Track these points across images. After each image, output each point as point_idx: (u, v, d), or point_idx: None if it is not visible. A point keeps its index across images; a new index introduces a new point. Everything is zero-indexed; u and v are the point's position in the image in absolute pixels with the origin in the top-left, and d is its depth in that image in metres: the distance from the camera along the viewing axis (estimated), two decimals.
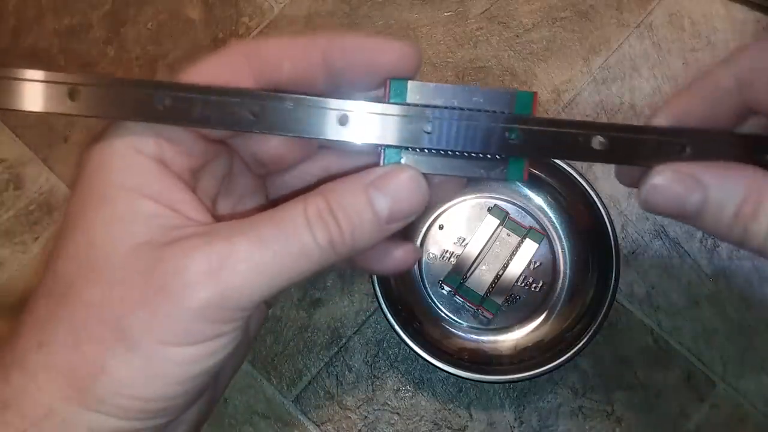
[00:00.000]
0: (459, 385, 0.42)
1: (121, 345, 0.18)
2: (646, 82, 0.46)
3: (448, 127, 0.21)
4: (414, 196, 0.20)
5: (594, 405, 0.42)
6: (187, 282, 0.18)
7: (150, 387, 0.19)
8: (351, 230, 0.19)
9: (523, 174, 0.21)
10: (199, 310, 0.18)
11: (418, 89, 0.21)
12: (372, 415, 0.42)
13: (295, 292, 0.44)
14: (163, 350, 0.18)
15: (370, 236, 0.20)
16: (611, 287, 0.38)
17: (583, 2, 0.48)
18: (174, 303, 0.18)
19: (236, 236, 0.19)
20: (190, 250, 0.19)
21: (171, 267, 0.18)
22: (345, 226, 0.19)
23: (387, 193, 0.20)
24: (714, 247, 0.44)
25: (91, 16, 0.48)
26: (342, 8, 0.48)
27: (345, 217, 0.19)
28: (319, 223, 0.19)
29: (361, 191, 0.20)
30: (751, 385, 0.42)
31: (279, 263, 0.19)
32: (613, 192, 0.45)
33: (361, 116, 0.20)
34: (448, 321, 0.42)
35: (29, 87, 0.19)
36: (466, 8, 0.48)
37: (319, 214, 0.19)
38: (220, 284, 0.18)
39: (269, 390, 0.43)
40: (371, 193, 0.20)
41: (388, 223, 0.20)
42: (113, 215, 0.19)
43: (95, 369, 0.18)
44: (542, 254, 0.43)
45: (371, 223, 0.20)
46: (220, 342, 0.19)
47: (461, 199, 0.44)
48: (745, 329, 0.43)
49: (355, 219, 0.20)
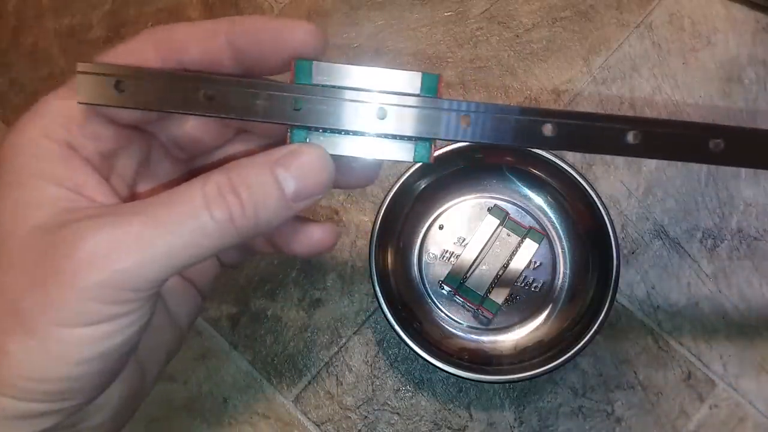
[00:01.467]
0: (459, 385, 0.42)
1: (18, 327, 0.18)
2: (646, 82, 0.46)
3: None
4: (320, 174, 0.20)
5: (594, 405, 0.42)
6: (78, 263, 0.18)
7: (48, 368, 0.19)
8: (254, 207, 0.19)
9: (430, 155, 0.21)
10: (90, 290, 0.18)
11: (324, 70, 0.21)
12: (372, 415, 0.42)
13: (295, 292, 0.44)
14: (58, 331, 0.18)
15: (275, 214, 0.20)
16: (611, 287, 0.38)
17: (583, 2, 0.48)
18: (65, 284, 0.18)
19: (129, 216, 0.19)
20: (83, 230, 0.19)
21: (63, 249, 0.18)
22: (247, 202, 0.19)
23: (293, 170, 0.20)
24: (714, 247, 0.44)
25: (91, 16, 0.49)
26: (342, 8, 0.48)
27: (248, 194, 0.19)
28: (218, 199, 0.19)
29: (266, 168, 0.20)
30: (751, 385, 0.42)
31: (173, 242, 0.19)
32: (613, 192, 0.45)
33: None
34: (448, 321, 0.42)
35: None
36: (466, 8, 0.48)
37: (219, 191, 0.19)
38: (110, 265, 0.18)
39: (269, 390, 0.43)
40: (277, 170, 0.20)
41: (294, 201, 0.20)
42: (17, 200, 0.20)
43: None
44: (542, 254, 0.43)
45: (276, 200, 0.20)
46: (118, 323, 0.19)
47: (461, 199, 0.44)
48: (745, 329, 0.43)
49: (259, 195, 0.19)
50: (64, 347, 0.19)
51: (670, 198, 0.44)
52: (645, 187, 0.45)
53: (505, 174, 0.43)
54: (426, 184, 0.43)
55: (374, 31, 0.47)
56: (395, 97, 0.21)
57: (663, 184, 0.45)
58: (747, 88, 0.46)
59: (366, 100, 0.21)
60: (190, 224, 0.19)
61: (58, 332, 0.18)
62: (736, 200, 0.44)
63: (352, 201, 0.45)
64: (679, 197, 0.44)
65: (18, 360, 0.18)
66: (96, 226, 0.19)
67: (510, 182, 0.44)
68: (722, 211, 0.44)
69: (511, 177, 0.43)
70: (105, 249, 0.18)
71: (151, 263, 0.19)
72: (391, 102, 0.21)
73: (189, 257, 0.19)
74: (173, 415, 0.42)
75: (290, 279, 0.44)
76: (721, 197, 0.44)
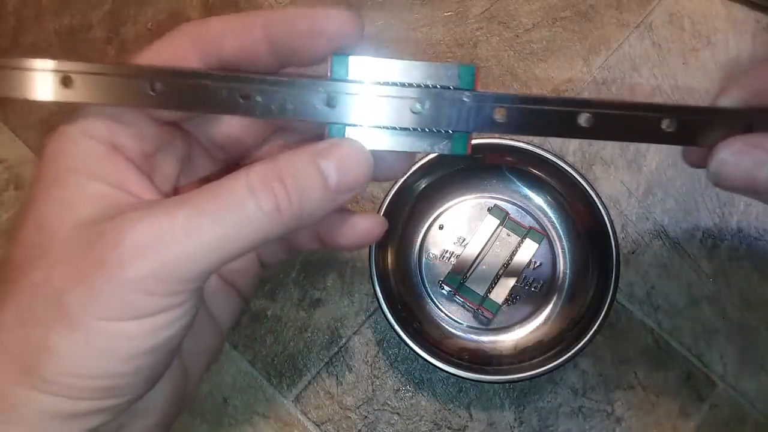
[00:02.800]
0: (459, 385, 0.42)
1: (63, 323, 0.18)
2: (646, 82, 0.46)
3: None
4: (361, 166, 0.21)
5: (594, 405, 0.42)
6: (124, 254, 0.18)
7: (94, 364, 0.18)
8: (298, 196, 0.19)
9: (466, 147, 0.21)
10: (136, 282, 0.18)
11: (360, 64, 0.21)
12: (372, 415, 0.42)
13: (295, 292, 0.44)
14: (105, 326, 0.18)
15: (319, 204, 0.20)
16: (611, 287, 0.38)
17: (583, 2, 0.48)
18: (111, 276, 0.18)
19: (175, 207, 0.19)
20: (129, 221, 0.18)
21: (109, 240, 0.18)
22: (292, 191, 0.19)
23: (334, 161, 0.20)
24: (714, 247, 0.44)
25: (91, 16, 0.48)
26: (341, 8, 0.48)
27: (293, 183, 0.19)
28: (263, 189, 0.19)
29: (309, 159, 0.20)
30: (751, 385, 0.42)
31: (220, 232, 0.19)
32: (613, 192, 0.45)
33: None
34: (448, 321, 0.42)
35: (24, 75, 0.20)
36: (466, 8, 0.48)
37: (263, 181, 0.19)
38: (157, 255, 0.18)
39: (269, 390, 0.43)
40: (319, 161, 0.20)
41: (336, 193, 0.20)
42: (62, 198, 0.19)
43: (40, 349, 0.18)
44: (542, 254, 0.42)
45: (320, 191, 0.20)
46: (166, 317, 0.19)
47: (461, 198, 0.44)
48: (745, 329, 0.43)
49: (303, 185, 0.19)
50: (110, 341, 0.18)
51: (670, 198, 0.44)
52: (645, 187, 0.45)
53: (505, 174, 0.43)
54: (426, 184, 0.43)
55: (374, 31, 0.47)
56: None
57: (663, 184, 0.45)
58: None
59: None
60: (236, 214, 0.19)
61: (104, 326, 0.18)
62: (736, 200, 0.44)
63: (352, 201, 0.45)
64: (679, 197, 0.44)
65: (63, 356, 0.18)
66: (142, 217, 0.18)
67: (510, 182, 0.44)
68: (722, 211, 0.44)
69: (511, 177, 0.43)
70: (152, 239, 0.18)
71: (198, 253, 0.18)
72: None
73: (235, 248, 0.19)
74: None
75: (290, 279, 0.44)
76: (721, 197, 0.44)
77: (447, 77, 0.21)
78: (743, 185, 0.20)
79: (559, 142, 0.45)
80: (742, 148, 0.20)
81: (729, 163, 0.20)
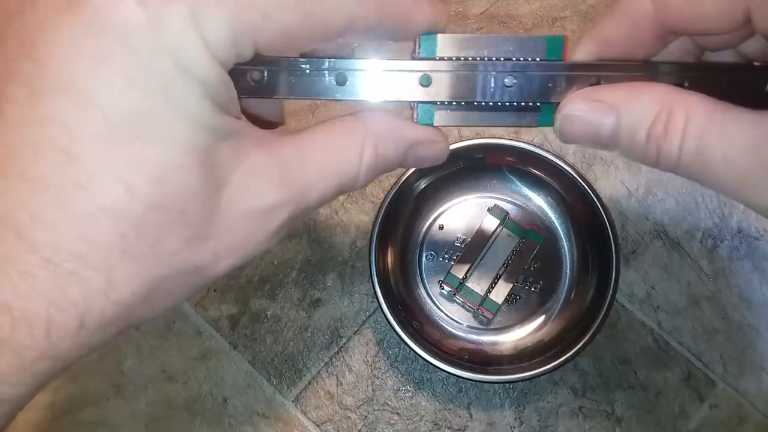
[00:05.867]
0: (459, 385, 0.42)
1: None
2: None
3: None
4: (438, 159, 0.23)
5: (594, 405, 0.42)
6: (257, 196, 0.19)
7: None
8: (383, 164, 0.22)
9: (553, 119, 0.22)
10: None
11: (448, 42, 0.21)
12: (372, 415, 0.42)
13: (295, 292, 0.44)
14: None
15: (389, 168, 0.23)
16: (611, 287, 0.38)
17: (583, 2, 0.48)
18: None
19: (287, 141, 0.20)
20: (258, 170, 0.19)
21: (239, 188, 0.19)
22: (380, 160, 0.21)
23: (420, 152, 0.22)
24: (714, 247, 0.44)
25: None
26: None
27: (384, 162, 0.22)
28: (367, 167, 0.21)
29: (404, 148, 0.22)
30: (751, 385, 0.42)
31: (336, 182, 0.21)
32: (613, 192, 0.45)
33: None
34: (448, 321, 0.42)
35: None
36: (466, 8, 0.48)
37: (368, 161, 0.21)
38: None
39: (269, 390, 0.43)
40: (410, 152, 0.22)
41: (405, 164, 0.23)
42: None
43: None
44: (542, 254, 0.42)
45: (398, 163, 0.22)
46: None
47: (461, 198, 0.44)
48: (745, 329, 0.43)
49: (391, 160, 0.22)
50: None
51: (670, 198, 0.44)
52: (645, 187, 0.45)
53: (505, 174, 0.43)
54: (426, 184, 0.43)
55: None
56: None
57: (663, 184, 0.45)
58: None
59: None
60: (346, 178, 0.21)
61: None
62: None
63: (352, 201, 0.45)
64: (679, 197, 0.44)
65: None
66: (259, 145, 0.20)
67: (510, 182, 0.44)
68: (722, 211, 0.44)
69: (511, 177, 0.43)
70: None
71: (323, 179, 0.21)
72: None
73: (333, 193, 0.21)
74: (173, 415, 0.42)
75: (290, 279, 0.44)
76: (721, 197, 0.44)
77: (534, 49, 0.21)
78: (588, 140, 0.21)
79: (560, 143, 0.45)
80: (584, 103, 0.20)
81: (572, 120, 0.21)
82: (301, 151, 0.20)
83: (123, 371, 0.43)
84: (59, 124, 0.16)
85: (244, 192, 0.19)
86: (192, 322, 0.43)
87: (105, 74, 0.16)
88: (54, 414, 0.42)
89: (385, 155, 0.21)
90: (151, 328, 0.43)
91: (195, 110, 0.17)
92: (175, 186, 0.17)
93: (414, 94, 0.21)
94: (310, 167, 0.20)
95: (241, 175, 0.18)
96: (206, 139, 0.17)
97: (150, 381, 0.43)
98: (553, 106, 0.21)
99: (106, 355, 0.43)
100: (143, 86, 0.16)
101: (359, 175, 0.21)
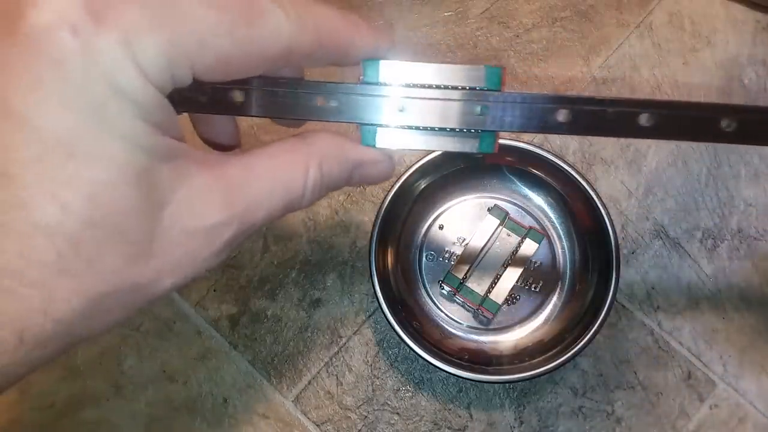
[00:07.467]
0: (459, 385, 0.42)
1: None
2: (646, 82, 0.46)
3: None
4: (383, 178, 0.24)
5: (594, 405, 0.42)
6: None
7: None
8: (328, 184, 0.22)
9: (494, 146, 0.23)
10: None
11: (390, 68, 0.22)
12: (372, 415, 0.42)
13: (295, 292, 0.44)
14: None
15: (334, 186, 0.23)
16: (611, 287, 0.38)
17: (583, 2, 0.48)
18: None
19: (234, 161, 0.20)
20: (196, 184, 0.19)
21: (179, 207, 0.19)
22: (328, 184, 0.22)
23: (365, 171, 0.23)
24: (714, 247, 0.44)
25: None
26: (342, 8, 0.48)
27: (329, 181, 0.22)
28: (312, 185, 0.22)
29: (349, 168, 0.23)
30: (751, 385, 0.42)
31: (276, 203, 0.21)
32: (613, 192, 0.45)
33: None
34: (448, 321, 0.42)
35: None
36: (466, 8, 0.48)
37: (314, 179, 0.22)
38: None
39: (269, 390, 0.43)
40: (355, 172, 0.23)
41: (350, 184, 0.24)
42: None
43: None
44: (542, 254, 0.43)
45: (343, 183, 0.23)
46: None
47: (461, 198, 0.44)
48: (745, 329, 0.43)
49: (336, 180, 0.23)
50: None
51: (670, 198, 0.44)
52: (645, 187, 0.45)
53: (505, 174, 0.43)
54: (426, 184, 0.43)
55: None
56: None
57: (663, 184, 0.45)
58: (747, 88, 0.46)
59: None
60: (290, 198, 0.21)
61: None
62: (736, 200, 0.44)
63: (352, 201, 0.45)
64: (679, 197, 0.44)
65: None
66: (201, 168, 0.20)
67: (510, 182, 0.44)
68: (722, 211, 0.44)
69: (511, 177, 0.43)
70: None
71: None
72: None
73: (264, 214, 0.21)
74: (173, 415, 0.42)
75: (290, 279, 0.44)
76: (721, 197, 0.44)
77: (474, 79, 0.22)
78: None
79: (560, 143, 0.45)
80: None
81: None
82: (247, 171, 0.20)
83: (123, 371, 0.43)
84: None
85: (188, 211, 0.19)
86: (192, 322, 0.43)
87: (40, 98, 0.16)
88: (54, 414, 0.42)
89: (330, 174, 0.22)
90: (151, 328, 0.43)
91: (129, 130, 0.17)
92: (110, 203, 0.17)
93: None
94: (256, 186, 0.20)
95: (184, 194, 0.19)
96: (142, 157, 0.18)
97: (150, 381, 0.43)
98: (492, 134, 0.22)
99: (106, 355, 0.43)
100: (77, 108, 0.17)
101: (305, 194, 0.21)
